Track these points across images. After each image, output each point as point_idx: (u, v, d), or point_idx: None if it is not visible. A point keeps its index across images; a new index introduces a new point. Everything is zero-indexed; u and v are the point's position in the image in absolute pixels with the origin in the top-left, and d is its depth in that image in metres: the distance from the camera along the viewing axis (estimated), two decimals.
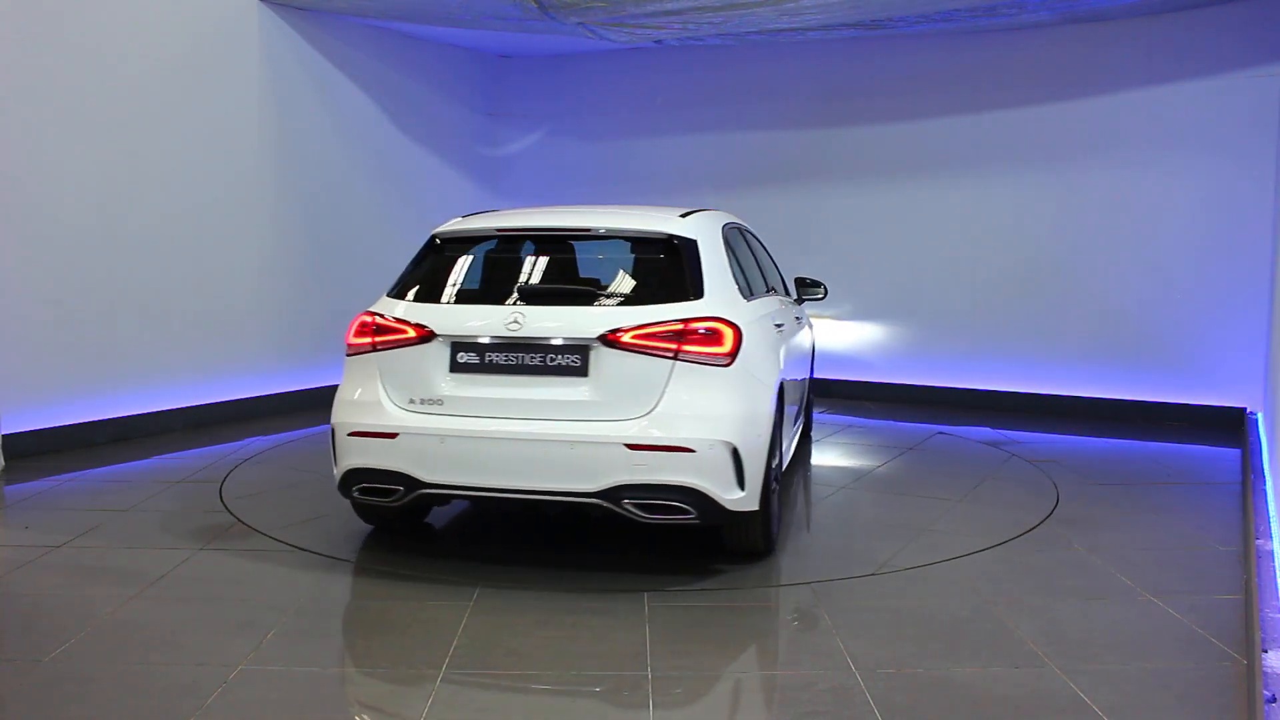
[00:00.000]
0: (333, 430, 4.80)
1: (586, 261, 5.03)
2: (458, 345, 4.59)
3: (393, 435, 4.54)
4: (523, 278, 4.96)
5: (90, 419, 7.27)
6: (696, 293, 4.57)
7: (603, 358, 4.41)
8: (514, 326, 4.49)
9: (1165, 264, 8.24)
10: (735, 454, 4.37)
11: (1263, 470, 6.16)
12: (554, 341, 4.47)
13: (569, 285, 4.85)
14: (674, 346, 4.37)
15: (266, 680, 3.56)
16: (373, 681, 3.56)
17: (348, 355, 4.87)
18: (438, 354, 4.60)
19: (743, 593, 4.46)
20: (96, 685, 3.53)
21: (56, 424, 7.05)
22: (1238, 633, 3.95)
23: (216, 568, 4.79)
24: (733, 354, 4.44)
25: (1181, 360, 8.23)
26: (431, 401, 4.57)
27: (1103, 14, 8.02)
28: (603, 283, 4.82)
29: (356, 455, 4.66)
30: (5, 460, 6.62)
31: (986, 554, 5.01)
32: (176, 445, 7.36)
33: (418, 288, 4.92)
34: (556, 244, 5.01)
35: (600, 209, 5.54)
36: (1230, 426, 7.88)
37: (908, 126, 9.16)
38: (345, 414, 4.74)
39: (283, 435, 7.79)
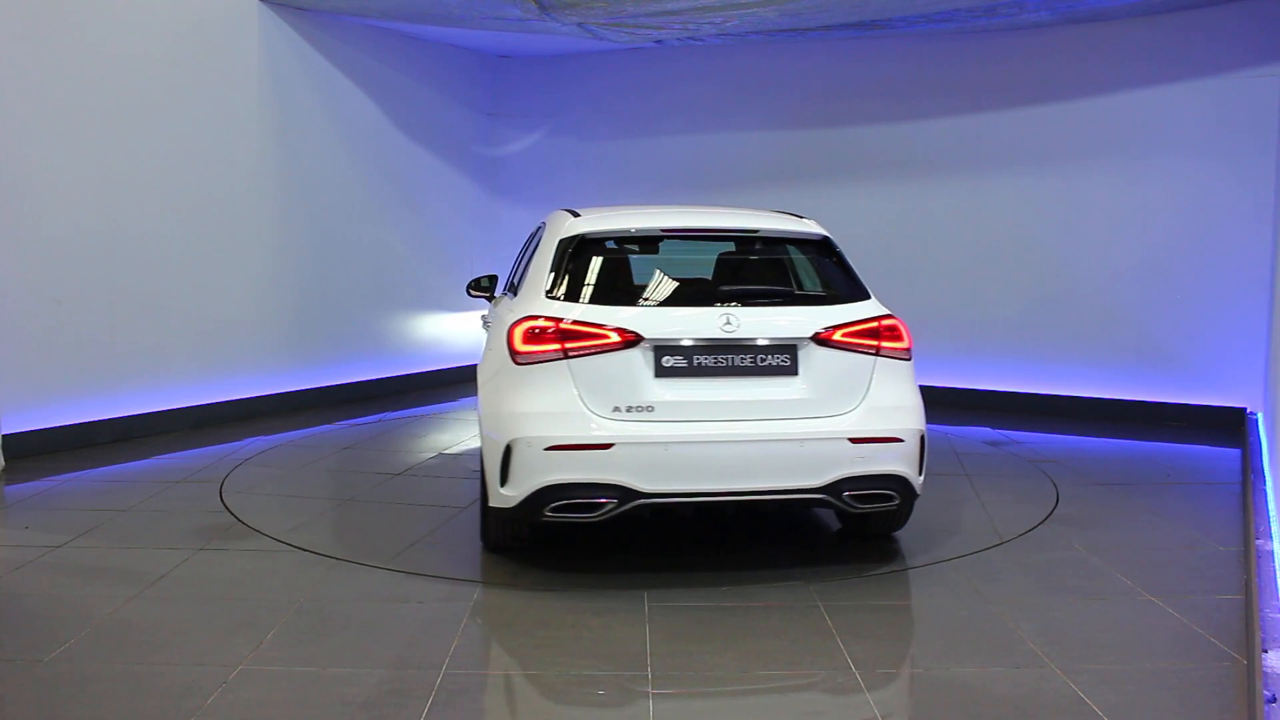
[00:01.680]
0: (511, 447, 4.38)
1: (749, 263, 5.14)
2: (662, 349, 4.42)
3: (607, 446, 4.29)
4: (698, 278, 4.97)
5: (90, 419, 7.27)
6: (863, 292, 4.82)
7: (812, 356, 4.53)
8: (728, 328, 4.46)
9: (1165, 264, 8.24)
10: (922, 440, 4.68)
11: (1263, 470, 6.16)
12: (761, 342, 4.48)
13: (773, 286, 4.93)
14: (875, 344, 4.60)
15: (266, 680, 3.56)
16: (373, 681, 3.55)
17: (520, 364, 4.45)
18: (642, 359, 4.41)
19: (743, 592, 4.46)
20: (96, 685, 3.53)
21: (56, 424, 7.06)
22: (1238, 633, 3.95)
23: (216, 568, 4.79)
24: (910, 349, 4.72)
25: (1181, 360, 8.23)
26: (641, 409, 4.36)
27: (1103, 14, 8.02)
28: (779, 283, 4.97)
29: (558, 470, 4.31)
30: (5, 460, 6.62)
31: (986, 554, 5.01)
32: (177, 445, 7.37)
33: (588, 289, 4.64)
34: (712, 245, 5.07)
35: (722, 210, 5.57)
36: (1230, 426, 7.88)
37: (908, 126, 9.16)
38: (538, 427, 4.35)
39: (283, 435, 7.79)
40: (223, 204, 8.08)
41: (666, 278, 4.94)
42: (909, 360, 4.72)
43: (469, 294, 6.93)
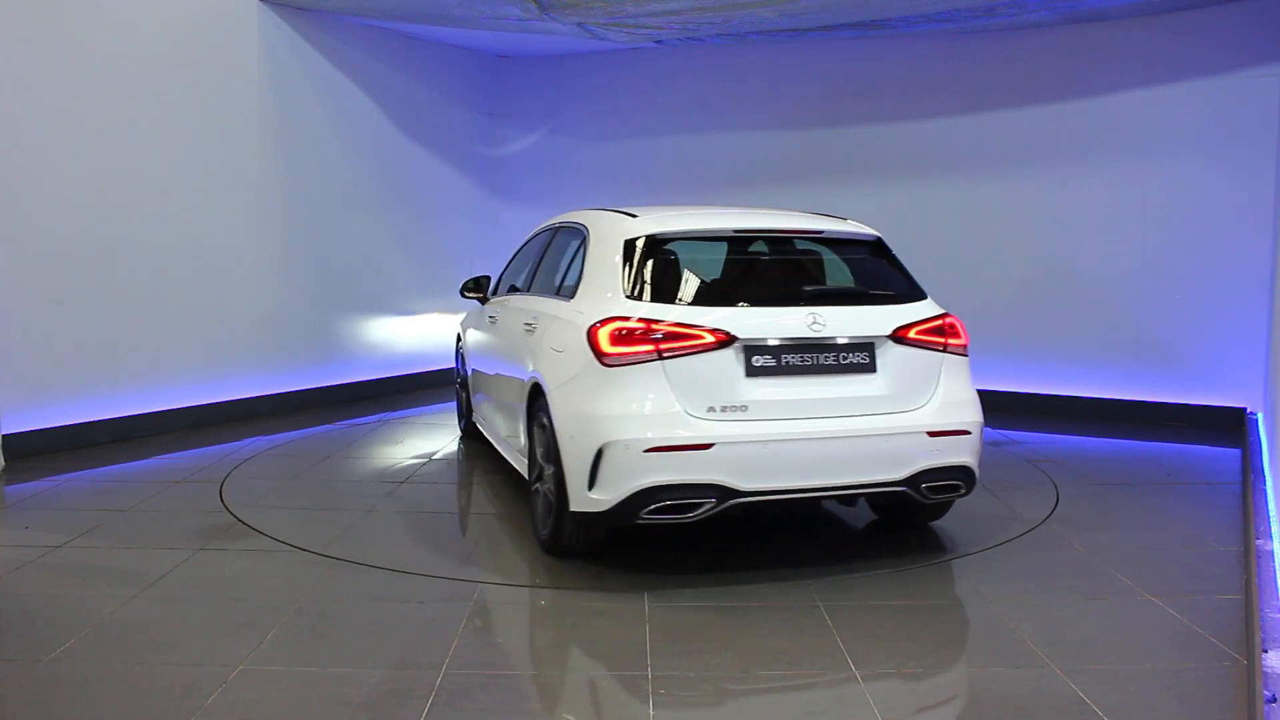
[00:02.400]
0: (604, 450, 4.36)
1: (818, 263, 5.24)
2: (752, 349, 4.47)
3: (706, 446, 4.30)
4: (777, 278, 5.05)
5: (90, 419, 7.27)
6: (921, 291, 5.01)
7: (889, 353, 4.66)
8: (816, 327, 4.55)
9: (1165, 264, 8.24)
10: (981, 431, 4.84)
11: (1263, 470, 6.16)
12: (841, 340, 4.59)
13: (849, 286, 5.05)
14: (943, 340, 4.79)
15: (266, 680, 3.56)
16: (373, 681, 3.55)
17: (609, 365, 4.41)
18: (734, 359, 4.44)
19: (743, 592, 4.46)
20: (96, 685, 3.53)
21: (56, 424, 7.06)
22: (1238, 633, 3.95)
23: (216, 568, 4.79)
24: (968, 345, 4.92)
25: (1181, 360, 8.23)
26: (735, 408, 4.40)
27: (1103, 14, 8.02)
28: (851, 283, 5.10)
29: (658, 472, 4.30)
30: (5, 460, 6.62)
31: (987, 554, 5.01)
32: (176, 445, 7.37)
33: (670, 290, 4.65)
34: (778, 245, 5.14)
35: (774, 211, 5.62)
36: (1230, 426, 7.88)
37: (907, 127, 9.16)
38: (635, 429, 4.32)
39: (283, 435, 7.79)
40: (223, 204, 8.08)
41: (750, 278, 5.03)
42: (967, 356, 4.90)
43: (463, 296, 6.97)
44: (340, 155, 9.14)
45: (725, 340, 4.43)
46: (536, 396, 5.00)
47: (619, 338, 4.42)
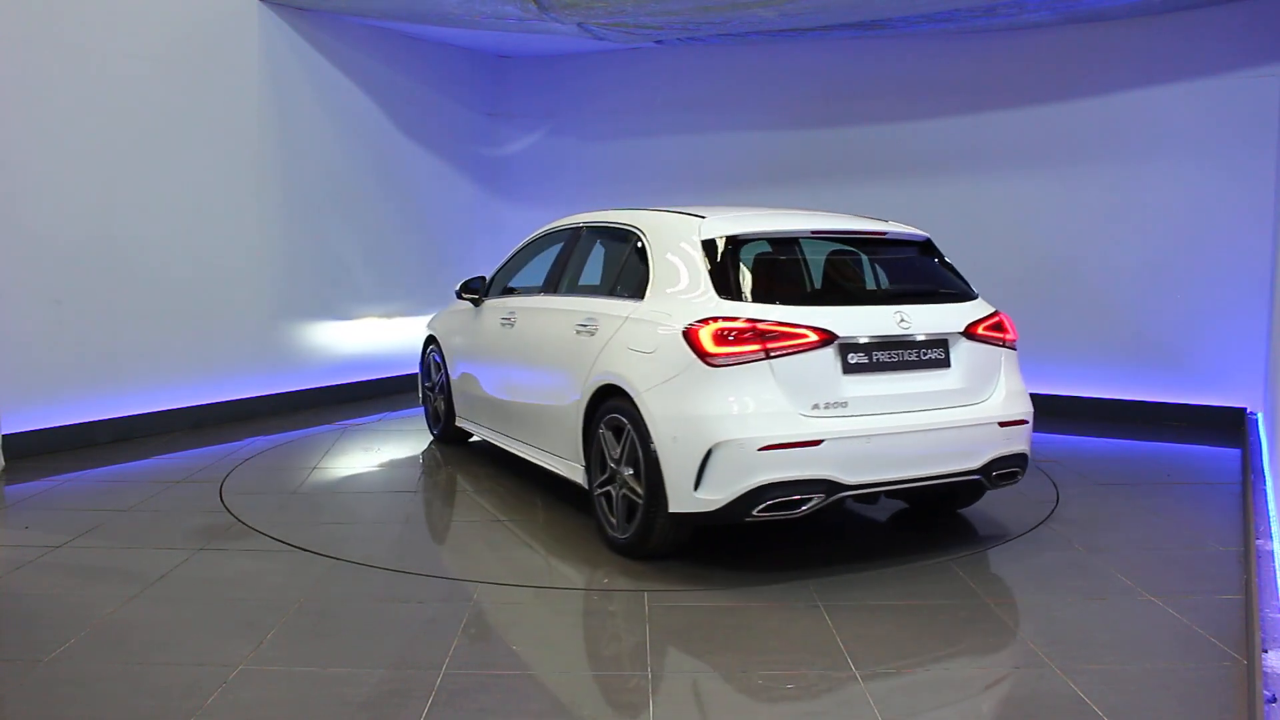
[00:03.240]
0: (713, 450, 4.39)
1: (888, 263, 5.44)
2: (847, 346, 4.62)
3: (817, 443, 4.41)
4: (860, 278, 5.24)
5: (90, 419, 7.27)
6: (972, 290, 5.26)
7: (960, 349, 4.91)
8: (904, 325, 4.75)
9: (1165, 264, 8.24)
10: (1032, 420, 5.12)
11: (1263, 470, 6.16)
12: (920, 337, 4.80)
13: (925, 286, 5.25)
14: (1002, 336, 5.07)
15: (266, 680, 3.56)
16: (373, 681, 3.55)
17: (714, 365, 4.45)
18: (833, 357, 4.57)
19: (743, 592, 4.46)
20: (96, 685, 3.53)
21: (56, 424, 7.06)
22: (1238, 633, 3.95)
23: (216, 568, 4.79)
24: (1016, 340, 5.20)
25: (1181, 360, 8.23)
26: (836, 405, 4.52)
27: (1103, 14, 8.02)
28: (921, 282, 5.31)
29: (772, 470, 4.37)
30: (5, 460, 6.62)
31: (987, 554, 5.01)
32: (176, 445, 7.37)
33: (762, 290, 4.73)
34: (850, 246, 5.30)
35: (830, 213, 5.69)
36: (1230, 426, 7.88)
37: (907, 126, 9.16)
38: (748, 429, 4.38)
39: (283, 435, 7.79)
40: (223, 204, 8.08)
41: (835, 278, 5.18)
42: (1016, 350, 5.18)
43: (459, 297, 6.93)
44: (340, 155, 9.14)
45: (827, 339, 4.56)
46: (604, 399, 4.98)
47: (724, 338, 4.48)
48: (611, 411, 4.89)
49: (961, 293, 5.19)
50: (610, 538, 4.98)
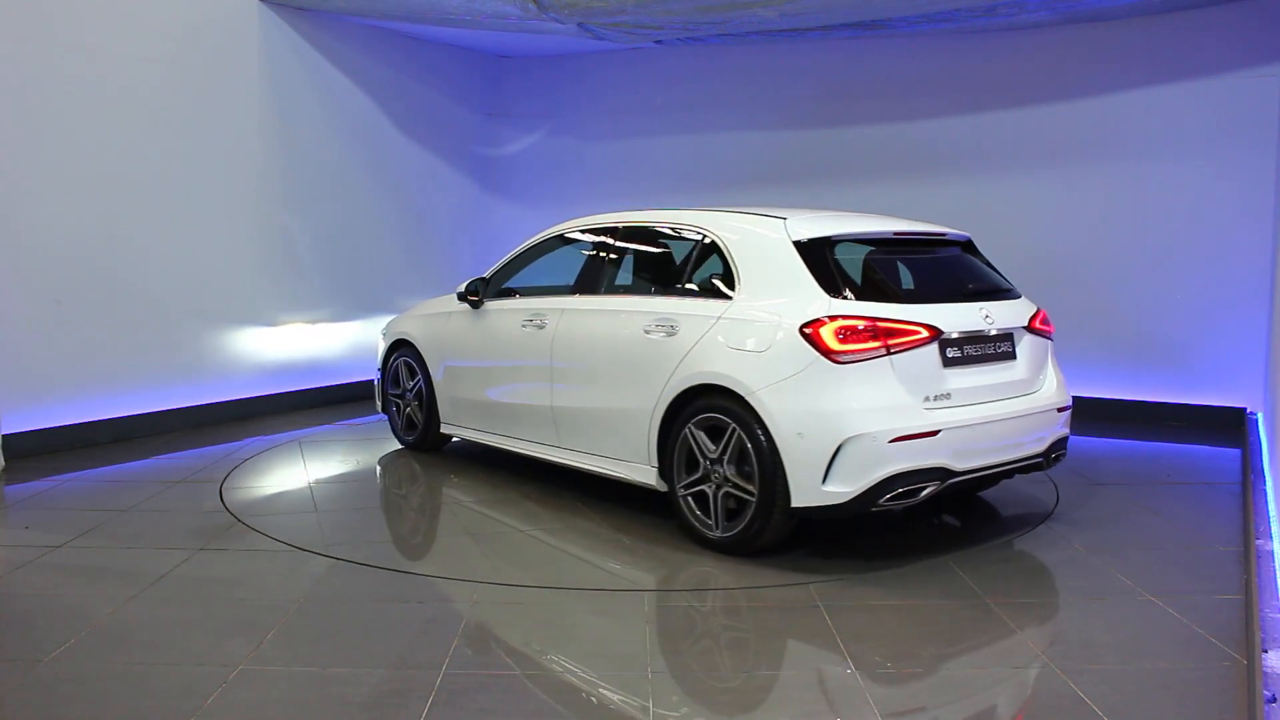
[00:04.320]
0: (844, 444, 4.52)
1: (954, 262, 5.59)
2: (947, 342, 4.88)
3: (935, 433, 4.65)
4: (946, 277, 5.47)
5: (90, 419, 7.27)
6: (1012, 287, 5.58)
7: (1023, 341, 5.29)
8: (988, 321, 5.08)
9: (1165, 264, 8.24)
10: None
11: (1263, 470, 6.16)
12: (994, 331, 5.11)
13: (994, 283, 5.50)
14: (1049, 329, 5.48)
15: (266, 680, 3.56)
16: (373, 681, 3.55)
17: (840, 362, 4.59)
18: (936, 351, 4.83)
19: (742, 592, 4.46)
20: (96, 685, 3.53)
21: (56, 424, 7.06)
22: (1238, 633, 3.95)
23: (216, 568, 4.79)
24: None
25: (1181, 360, 8.23)
26: (943, 396, 4.80)
27: (1103, 14, 8.02)
28: (988, 281, 5.54)
29: (900, 460, 4.57)
30: (5, 460, 6.63)
31: (987, 554, 5.01)
32: (176, 445, 7.37)
33: (869, 289, 4.95)
34: (921, 247, 5.58)
35: (884, 216, 5.85)
36: (1230, 426, 7.88)
37: (907, 126, 9.16)
38: (879, 422, 4.55)
39: (283, 435, 7.79)
40: (223, 204, 8.08)
41: (926, 278, 5.46)
42: (1052, 341, 5.58)
43: (461, 299, 6.86)
44: (340, 155, 9.14)
45: (934, 335, 4.82)
46: (691, 399, 5.01)
47: (847, 335, 4.64)
48: (704, 411, 4.95)
49: (1012, 290, 5.53)
50: (705, 537, 4.98)
